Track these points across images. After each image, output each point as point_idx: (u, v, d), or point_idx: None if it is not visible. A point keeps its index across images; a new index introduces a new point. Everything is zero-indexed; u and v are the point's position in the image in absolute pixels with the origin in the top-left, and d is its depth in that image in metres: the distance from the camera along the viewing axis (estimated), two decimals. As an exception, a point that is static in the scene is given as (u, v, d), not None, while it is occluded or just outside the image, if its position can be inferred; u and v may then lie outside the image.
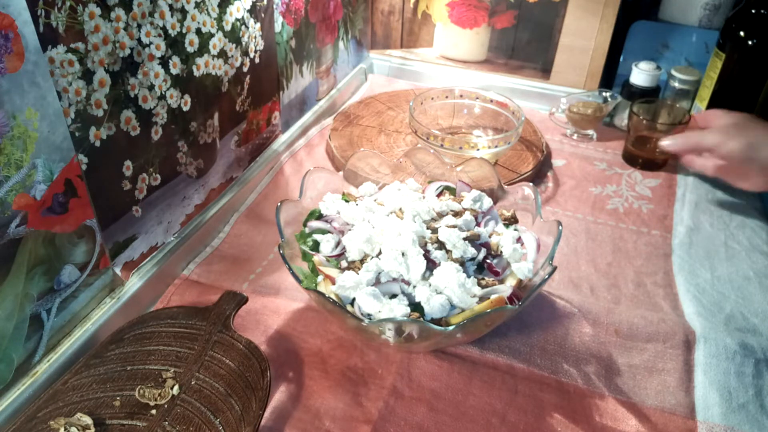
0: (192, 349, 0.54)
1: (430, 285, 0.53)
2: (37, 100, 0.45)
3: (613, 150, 0.92)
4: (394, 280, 0.53)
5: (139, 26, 0.54)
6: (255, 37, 0.73)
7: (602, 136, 0.95)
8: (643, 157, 0.86)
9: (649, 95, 0.92)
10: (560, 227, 0.56)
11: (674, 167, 0.87)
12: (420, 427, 0.51)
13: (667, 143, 0.78)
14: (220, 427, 0.49)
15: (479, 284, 0.54)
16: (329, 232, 0.59)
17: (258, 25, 0.73)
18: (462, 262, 0.55)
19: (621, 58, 0.98)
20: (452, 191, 0.66)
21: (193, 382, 0.52)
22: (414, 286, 0.53)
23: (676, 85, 0.91)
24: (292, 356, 0.57)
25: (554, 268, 0.52)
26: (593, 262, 0.70)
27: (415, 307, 0.52)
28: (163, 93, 0.59)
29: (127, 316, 0.58)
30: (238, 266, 0.68)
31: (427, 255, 0.55)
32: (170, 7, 0.57)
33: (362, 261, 0.56)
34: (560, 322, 0.61)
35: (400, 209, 0.60)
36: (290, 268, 0.52)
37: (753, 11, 0.78)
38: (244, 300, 0.58)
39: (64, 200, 0.50)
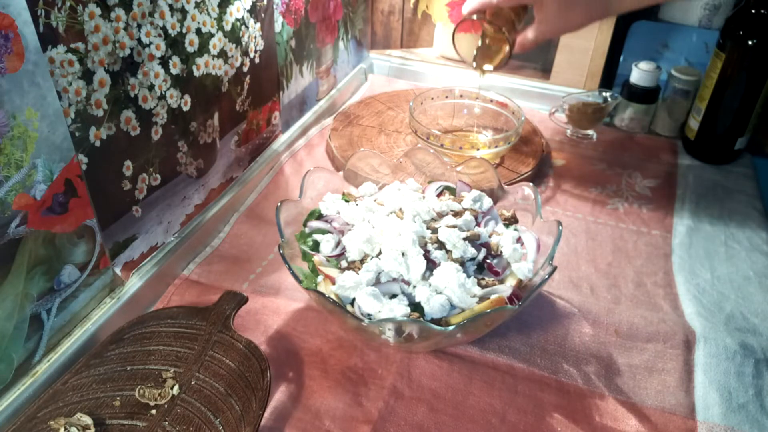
0: (192, 349, 0.54)
1: (430, 285, 0.53)
2: (37, 100, 0.45)
3: (613, 150, 0.92)
4: (394, 280, 0.53)
5: (139, 26, 0.54)
6: (255, 37, 0.73)
7: (602, 136, 0.95)
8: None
9: (649, 95, 0.92)
10: (560, 227, 0.56)
11: (674, 167, 0.87)
12: (420, 427, 0.51)
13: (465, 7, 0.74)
14: (220, 427, 0.49)
15: (479, 284, 0.54)
16: (329, 232, 0.59)
17: (258, 25, 0.73)
18: (462, 262, 0.55)
19: (621, 58, 0.98)
20: (452, 191, 0.66)
21: (193, 382, 0.52)
22: (414, 286, 0.53)
23: (676, 85, 0.91)
24: (292, 356, 0.57)
25: (554, 268, 0.52)
26: (593, 262, 0.70)
27: (415, 307, 0.52)
28: (163, 93, 0.59)
29: (127, 316, 0.58)
30: (238, 266, 0.68)
31: (427, 255, 0.55)
32: (170, 7, 0.57)
33: (362, 261, 0.56)
34: (560, 322, 0.61)
35: (400, 209, 0.60)
36: (290, 268, 0.52)
37: (753, 11, 0.78)
38: (244, 300, 0.58)
39: (64, 200, 0.50)
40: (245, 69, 0.73)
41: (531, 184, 0.63)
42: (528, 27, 0.74)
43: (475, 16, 0.74)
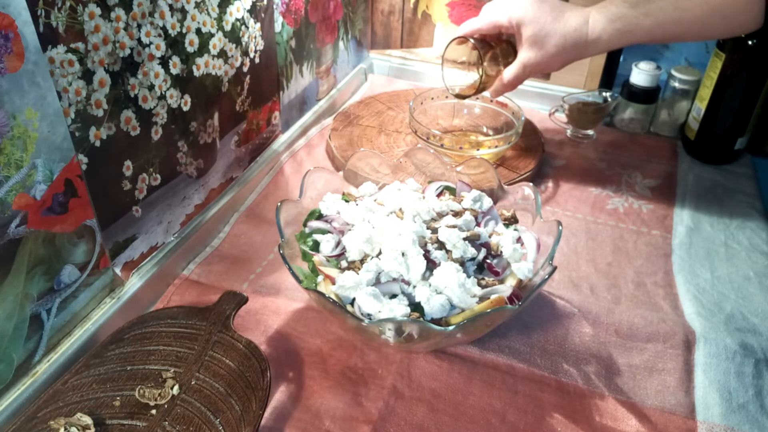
0: (192, 349, 0.54)
1: (430, 285, 0.53)
2: (37, 100, 0.45)
3: (613, 150, 0.92)
4: (394, 280, 0.53)
5: (139, 26, 0.54)
6: (255, 37, 0.73)
7: (602, 136, 0.95)
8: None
9: (649, 95, 0.92)
10: (560, 227, 0.56)
11: (674, 167, 0.87)
12: (420, 427, 0.51)
13: (460, 31, 0.77)
14: (220, 427, 0.49)
15: (479, 284, 0.54)
16: (329, 232, 0.59)
17: (258, 25, 0.73)
18: (462, 262, 0.55)
19: (621, 58, 0.98)
20: (452, 191, 0.66)
21: (193, 382, 0.52)
22: (414, 286, 0.53)
23: (676, 85, 0.91)
24: (292, 356, 0.57)
25: (554, 268, 0.52)
26: (593, 262, 0.70)
27: (415, 307, 0.52)
28: (163, 93, 0.59)
29: (127, 316, 0.58)
30: (238, 266, 0.68)
31: (427, 255, 0.55)
32: (170, 7, 0.57)
33: (362, 261, 0.56)
34: (560, 322, 0.61)
35: (400, 209, 0.60)
36: (290, 268, 0.52)
37: (753, 11, 0.78)
38: (244, 300, 0.58)
39: (64, 200, 0.50)
40: (245, 69, 0.73)
41: (531, 184, 0.63)
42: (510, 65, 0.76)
43: (472, 40, 0.76)
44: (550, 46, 0.70)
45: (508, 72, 0.75)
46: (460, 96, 0.83)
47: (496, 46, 0.77)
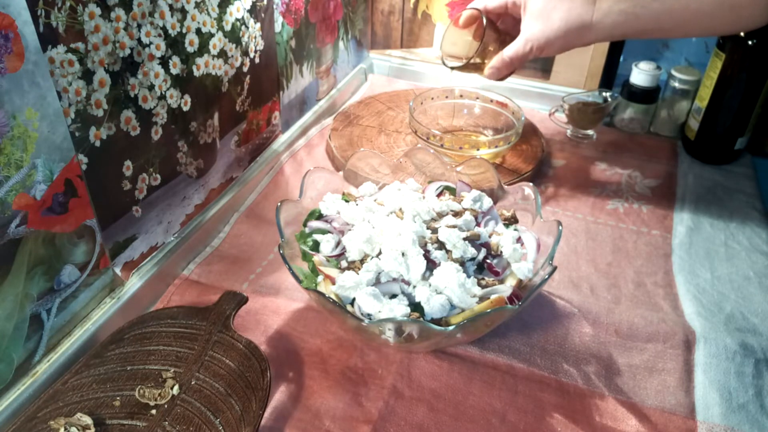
0: (192, 349, 0.55)
1: (430, 285, 0.53)
2: (37, 100, 0.45)
3: (613, 150, 0.92)
4: (394, 280, 0.53)
5: (139, 26, 0.54)
6: (255, 37, 0.73)
7: (602, 136, 0.95)
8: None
9: (649, 95, 0.92)
10: (560, 227, 0.56)
11: (674, 167, 0.87)
12: (420, 427, 0.51)
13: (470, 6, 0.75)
14: (220, 427, 0.49)
15: (479, 284, 0.54)
16: (329, 232, 0.59)
17: (258, 25, 0.73)
18: (462, 262, 0.55)
19: (621, 58, 0.98)
20: (452, 191, 0.66)
21: (193, 382, 0.52)
22: (414, 286, 0.53)
23: (676, 85, 0.91)
24: (292, 356, 0.57)
25: (554, 268, 0.52)
26: (593, 262, 0.70)
27: (415, 307, 0.52)
28: (163, 93, 0.59)
29: (127, 316, 0.58)
30: (238, 266, 0.68)
31: (427, 255, 0.55)
32: (170, 7, 0.57)
33: (362, 261, 0.56)
34: (560, 322, 0.61)
35: (400, 209, 0.60)
36: (290, 268, 0.52)
37: (753, 11, 0.78)
38: (244, 300, 0.58)
39: (64, 200, 0.50)
40: (245, 69, 0.73)
41: (531, 184, 0.63)
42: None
43: (484, 18, 0.74)
44: (554, 19, 0.68)
45: (510, 48, 0.72)
46: (454, 68, 0.79)
47: (502, 33, 0.76)
